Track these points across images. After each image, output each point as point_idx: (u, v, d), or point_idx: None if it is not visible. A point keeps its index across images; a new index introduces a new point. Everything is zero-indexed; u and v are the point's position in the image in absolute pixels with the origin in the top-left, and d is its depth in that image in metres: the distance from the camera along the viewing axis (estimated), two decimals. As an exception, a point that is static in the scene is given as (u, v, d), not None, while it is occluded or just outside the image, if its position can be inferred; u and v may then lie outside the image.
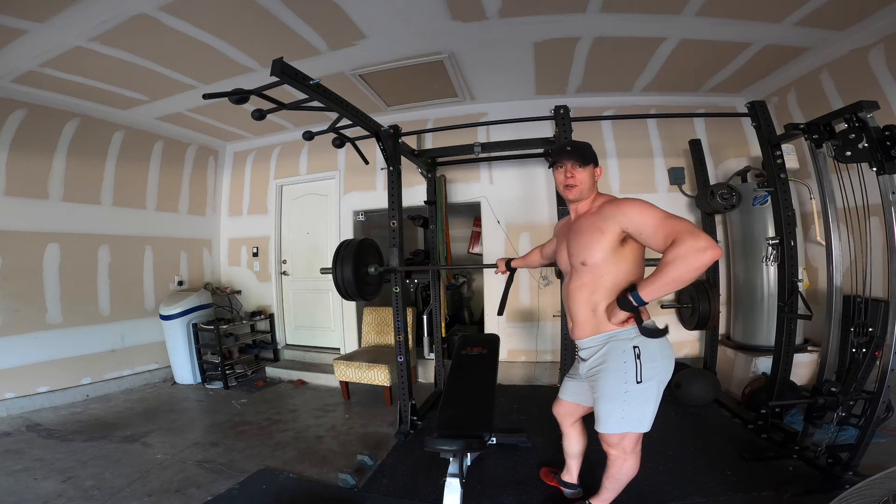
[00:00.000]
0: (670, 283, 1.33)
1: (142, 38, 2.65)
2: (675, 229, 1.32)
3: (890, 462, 1.44)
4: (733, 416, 2.88)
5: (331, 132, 2.44)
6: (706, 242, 1.25)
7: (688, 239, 1.27)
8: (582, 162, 1.58)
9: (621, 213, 1.46)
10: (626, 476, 1.65)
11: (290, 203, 4.73)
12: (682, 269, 1.28)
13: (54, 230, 3.52)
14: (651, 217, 1.39)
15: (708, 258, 1.25)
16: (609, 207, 1.50)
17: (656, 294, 1.36)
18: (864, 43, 2.74)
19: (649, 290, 1.36)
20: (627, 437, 1.56)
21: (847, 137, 1.93)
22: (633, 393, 1.48)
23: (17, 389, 3.26)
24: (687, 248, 1.26)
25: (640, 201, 1.46)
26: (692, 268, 1.27)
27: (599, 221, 1.50)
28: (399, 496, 2.09)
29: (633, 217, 1.43)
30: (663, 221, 1.37)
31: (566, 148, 1.62)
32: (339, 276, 2.50)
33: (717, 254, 1.25)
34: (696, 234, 1.27)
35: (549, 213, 3.73)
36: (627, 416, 1.51)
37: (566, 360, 2.71)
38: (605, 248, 1.48)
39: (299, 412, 3.33)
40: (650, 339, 1.46)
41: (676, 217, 1.36)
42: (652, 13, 2.58)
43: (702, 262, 1.25)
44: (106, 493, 2.13)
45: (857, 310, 2.12)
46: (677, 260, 1.27)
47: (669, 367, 1.52)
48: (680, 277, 1.30)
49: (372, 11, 2.52)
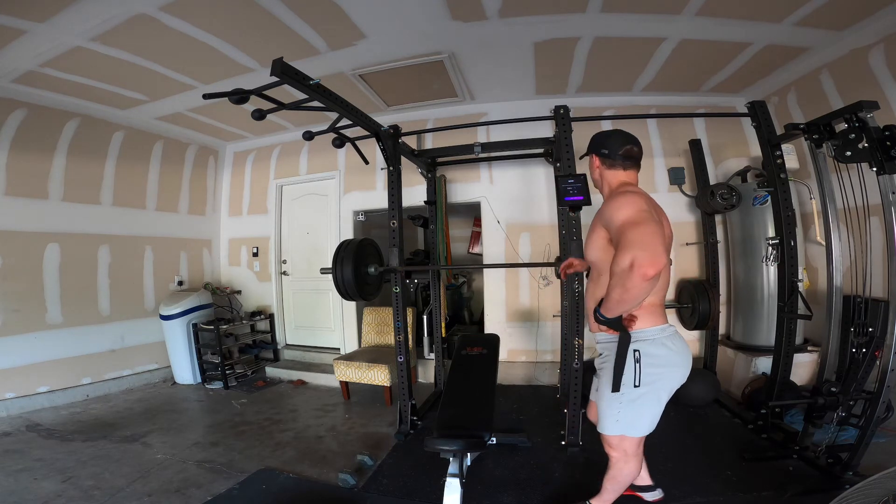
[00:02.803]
0: (615, 305, 1.27)
1: (142, 38, 2.65)
2: (621, 240, 1.22)
3: (890, 462, 1.43)
4: (733, 416, 2.88)
5: (331, 132, 2.44)
6: (631, 259, 1.14)
7: (619, 256, 1.18)
8: (585, 154, 1.63)
9: (604, 210, 1.40)
10: (626, 478, 1.64)
11: (290, 203, 4.73)
12: (617, 291, 1.21)
13: (54, 230, 3.52)
14: (616, 219, 1.30)
15: (635, 280, 1.14)
16: (604, 202, 1.46)
17: (612, 312, 1.31)
18: (864, 43, 2.74)
19: (604, 307, 1.32)
20: (627, 440, 1.54)
21: (847, 137, 1.93)
22: (629, 396, 1.45)
23: (17, 389, 3.26)
24: (616, 267, 1.18)
25: (619, 200, 1.36)
26: (624, 291, 1.19)
27: (595, 217, 1.48)
28: (399, 496, 2.09)
29: (606, 217, 1.37)
30: (620, 227, 1.26)
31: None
32: (339, 276, 2.51)
33: (644, 273, 1.12)
34: (626, 251, 1.16)
35: (550, 213, 3.73)
36: (622, 419, 1.49)
37: (566, 360, 2.71)
38: (598, 246, 1.46)
39: (299, 412, 3.33)
40: (649, 345, 1.42)
41: (634, 224, 1.23)
42: (652, 13, 2.58)
43: (631, 286, 1.16)
44: (106, 493, 2.13)
45: (857, 310, 2.12)
46: (612, 279, 1.22)
47: (676, 375, 1.47)
48: (620, 299, 1.23)
49: (372, 11, 2.52)
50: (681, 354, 1.47)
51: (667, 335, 1.46)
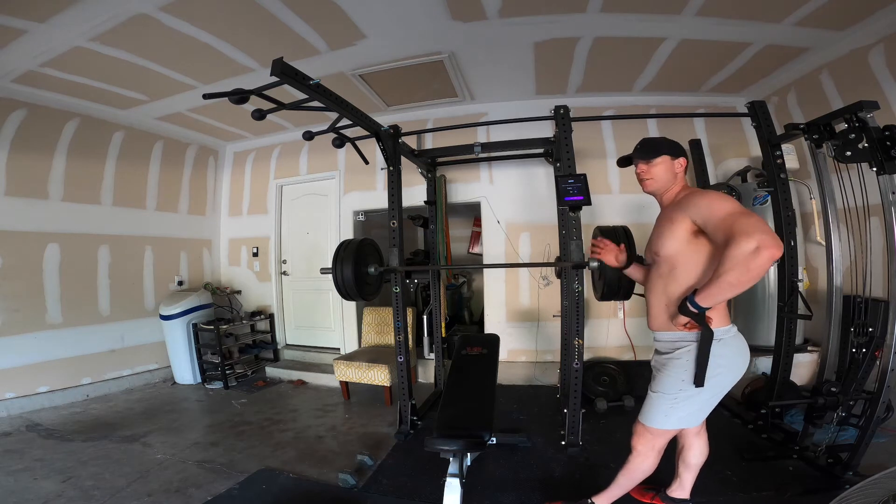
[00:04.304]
0: (726, 289, 1.26)
1: (142, 38, 2.65)
2: (734, 227, 1.22)
3: (890, 462, 1.44)
4: (733, 416, 2.87)
5: (331, 132, 2.44)
6: (759, 242, 1.15)
7: (741, 240, 1.18)
8: (647, 157, 1.57)
9: (692, 204, 1.40)
10: (642, 474, 1.65)
11: (290, 203, 4.73)
12: (735, 274, 1.21)
13: (54, 230, 3.52)
14: (718, 209, 1.31)
15: (762, 261, 1.16)
16: (686, 198, 1.46)
17: (715, 300, 1.31)
18: (864, 43, 2.74)
19: (706, 294, 1.30)
20: (661, 437, 1.56)
21: (847, 137, 1.92)
22: (687, 393, 1.46)
23: (17, 389, 3.26)
24: (738, 251, 1.18)
25: (713, 193, 1.40)
26: (746, 272, 1.19)
27: (674, 212, 1.47)
28: (399, 496, 2.09)
29: (701, 208, 1.37)
30: (727, 217, 1.27)
31: (636, 147, 1.65)
32: (339, 276, 2.50)
33: (772, 254, 1.15)
34: (749, 235, 1.17)
35: (550, 213, 3.72)
36: (673, 415, 1.50)
37: (566, 360, 2.71)
38: (677, 240, 1.44)
39: (299, 412, 3.33)
40: (717, 345, 1.41)
41: (744, 213, 1.26)
42: (652, 13, 2.58)
43: (756, 266, 1.17)
44: (106, 493, 2.13)
45: (857, 310, 2.12)
46: (729, 263, 1.21)
47: (735, 376, 1.48)
48: (736, 282, 1.22)
49: (372, 11, 2.52)
50: (742, 356, 1.49)
51: (731, 335, 1.47)
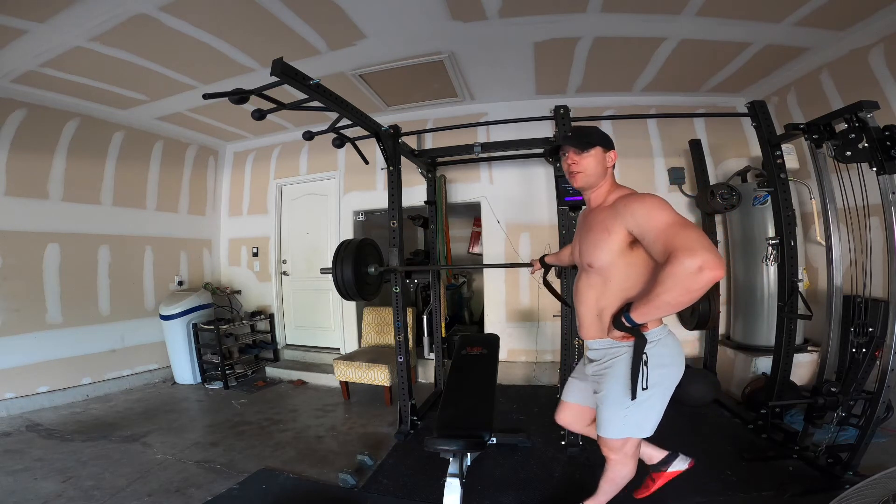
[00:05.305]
0: (663, 308, 1.20)
1: (142, 38, 2.65)
2: (675, 242, 1.15)
3: (890, 462, 1.44)
4: (733, 416, 2.88)
5: (331, 132, 2.44)
6: (702, 262, 1.08)
7: (683, 258, 1.10)
8: (581, 147, 1.43)
9: (629, 212, 1.30)
10: (623, 479, 1.64)
11: (290, 203, 4.73)
12: (674, 294, 1.14)
13: (54, 230, 3.52)
14: (656, 221, 1.23)
15: (703, 283, 1.09)
16: (621, 203, 1.35)
17: (650, 317, 1.26)
18: (864, 43, 2.74)
19: (643, 312, 1.25)
20: (629, 443, 1.54)
21: (847, 137, 1.93)
22: (638, 399, 1.41)
23: (17, 389, 3.26)
24: (680, 269, 1.10)
25: (652, 201, 1.29)
26: (685, 293, 1.13)
27: (609, 219, 1.36)
28: (399, 496, 2.09)
29: (638, 218, 1.27)
30: (666, 229, 1.19)
31: (567, 133, 1.57)
32: (339, 276, 2.50)
33: (715, 276, 1.08)
34: (693, 253, 1.09)
35: (549, 213, 3.73)
36: (630, 422, 1.47)
37: (566, 360, 2.71)
38: (612, 251, 1.35)
39: (299, 412, 3.33)
40: (655, 346, 1.40)
41: (685, 225, 1.19)
42: (652, 13, 2.58)
43: (696, 287, 1.11)
44: (106, 493, 2.13)
45: (857, 310, 2.12)
46: (668, 281, 1.13)
47: (678, 372, 1.46)
48: (675, 302, 1.16)
49: (372, 11, 2.52)
50: (679, 352, 1.49)
51: (666, 334, 1.46)
